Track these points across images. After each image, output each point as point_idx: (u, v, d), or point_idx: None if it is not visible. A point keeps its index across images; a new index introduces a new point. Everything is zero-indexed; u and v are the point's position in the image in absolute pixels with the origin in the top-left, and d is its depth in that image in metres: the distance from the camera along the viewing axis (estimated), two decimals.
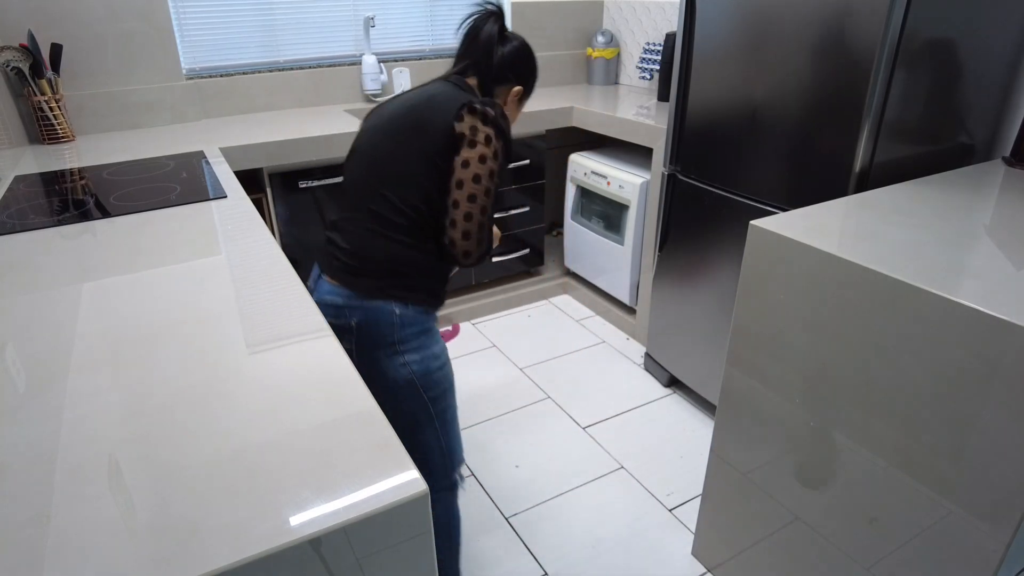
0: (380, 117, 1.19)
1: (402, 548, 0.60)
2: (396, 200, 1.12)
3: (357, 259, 1.14)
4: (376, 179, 1.14)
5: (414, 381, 1.16)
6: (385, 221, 1.13)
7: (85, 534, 0.54)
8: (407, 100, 1.18)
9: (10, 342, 0.84)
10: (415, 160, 1.11)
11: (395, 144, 1.13)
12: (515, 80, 1.25)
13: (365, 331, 1.13)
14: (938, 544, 1.00)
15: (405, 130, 1.13)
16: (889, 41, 1.33)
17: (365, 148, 1.18)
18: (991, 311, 0.87)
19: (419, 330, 1.15)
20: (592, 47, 2.96)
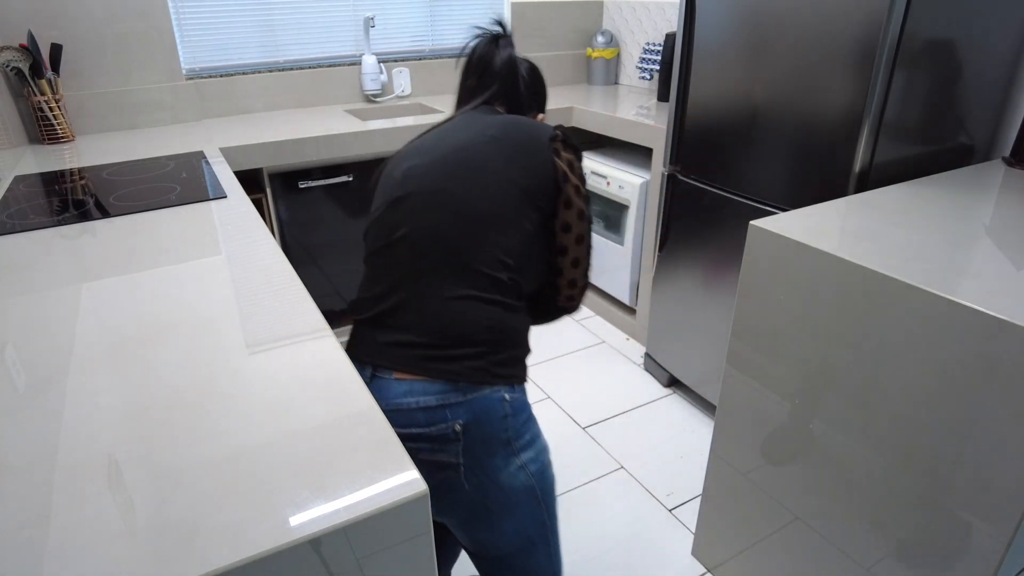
0: (440, 153, 0.95)
1: (402, 548, 0.60)
2: (496, 251, 0.89)
3: (448, 338, 0.87)
4: (466, 229, 0.89)
5: (533, 487, 0.92)
6: (483, 280, 0.89)
7: (85, 534, 0.54)
8: (478, 132, 0.97)
9: (10, 342, 0.84)
10: (516, 200, 0.92)
11: (488, 185, 0.91)
12: (537, 108, 1.14)
13: (475, 434, 0.86)
14: (938, 544, 1.00)
15: (496, 167, 0.92)
16: (889, 41, 1.33)
17: (434, 193, 0.92)
18: (991, 311, 0.87)
19: (527, 416, 0.93)
20: (592, 47, 2.96)
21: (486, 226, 0.90)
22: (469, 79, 1.09)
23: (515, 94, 1.08)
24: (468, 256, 0.89)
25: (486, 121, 0.99)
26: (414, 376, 0.87)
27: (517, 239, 0.91)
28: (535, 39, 2.91)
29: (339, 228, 2.24)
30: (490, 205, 0.90)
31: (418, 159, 0.96)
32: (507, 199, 0.91)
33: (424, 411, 0.86)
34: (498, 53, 1.07)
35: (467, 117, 1.02)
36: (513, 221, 0.91)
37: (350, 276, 2.33)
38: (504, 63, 1.07)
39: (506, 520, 0.91)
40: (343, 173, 2.17)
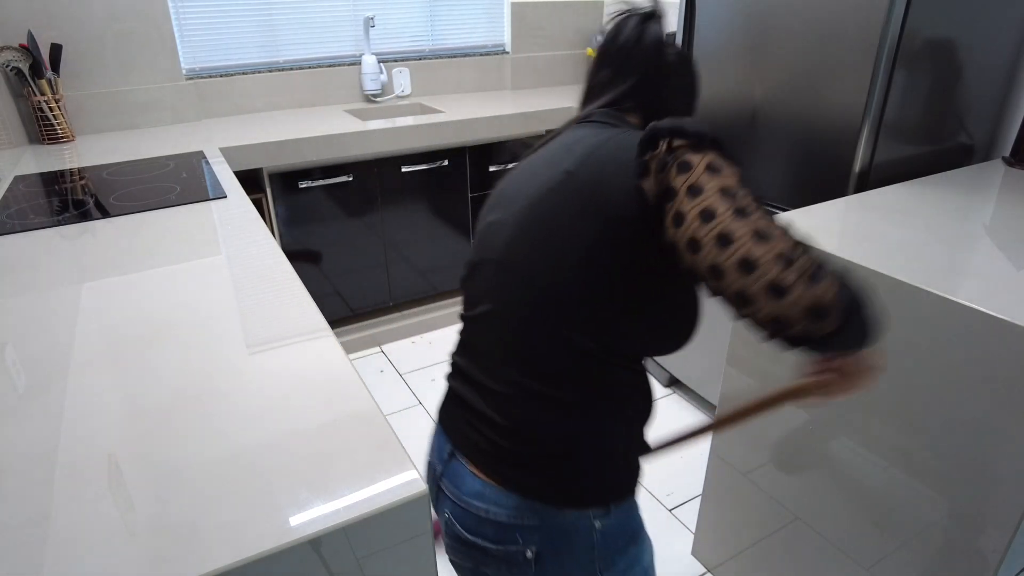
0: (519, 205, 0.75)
1: (402, 548, 0.60)
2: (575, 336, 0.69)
3: (520, 440, 0.72)
4: (535, 312, 0.71)
5: None
6: (559, 377, 0.71)
7: (85, 534, 0.54)
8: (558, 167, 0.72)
9: (10, 342, 0.84)
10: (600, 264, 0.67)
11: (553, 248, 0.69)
12: (686, 110, 0.85)
13: (551, 565, 0.73)
14: (938, 544, 1.00)
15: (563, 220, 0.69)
16: (889, 41, 1.33)
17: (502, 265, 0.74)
18: (991, 311, 0.87)
19: (627, 539, 0.78)
20: (592, 47, 2.96)
21: (558, 307, 0.69)
22: (602, 71, 0.82)
23: (658, 92, 0.81)
24: (540, 347, 0.71)
25: (575, 147, 0.74)
26: (487, 477, 0.74)
27: (602, 311, 0.68)
28: (535, 39, 2.90)
29: (339, 228, 2.24)
30: (557, 276, 0.69)
31: (499, 212, 0.78)
32: (582, 269, 0.67)
33: (494, 525, 0.73)
34: (644, 37, 0.79)
35: (566, 137, 0.77)
36: (589, 291, 0.68)
37: (350, 276, 2.33)
38: (648, 51, 0.79)
39: None
40: (343, 173, 2.17)
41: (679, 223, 0.62)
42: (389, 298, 2.46)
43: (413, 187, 2.33)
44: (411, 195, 2.34)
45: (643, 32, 0.79)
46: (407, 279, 2.47)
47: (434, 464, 0.83)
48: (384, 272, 2.40)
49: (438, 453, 0.82)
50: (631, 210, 0.65)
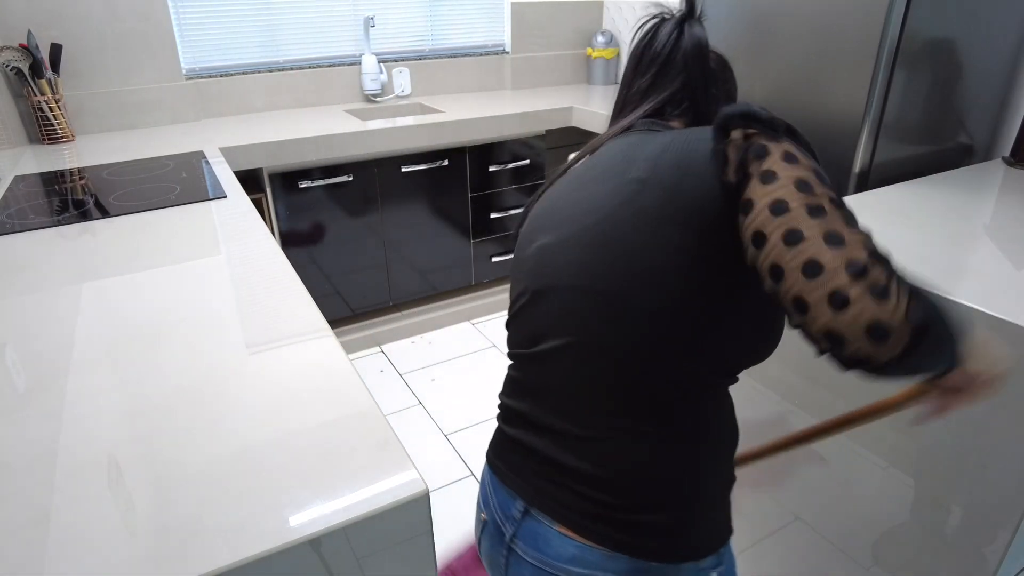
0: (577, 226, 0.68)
1: (402, 548, 0.60)
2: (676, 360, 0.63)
3: (627, 495, 0.64)
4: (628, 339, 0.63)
5: None
6: (663, 408, 0.64)
7: (85, 534, 0.54)
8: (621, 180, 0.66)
9: (10, 342, 0.84)
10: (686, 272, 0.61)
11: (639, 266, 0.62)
12: None
13: None
14: (938, 544, 1.00)
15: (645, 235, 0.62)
16: (889, 41, 1.33)
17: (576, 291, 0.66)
18: (991, 311, 0.87)
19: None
20: (592, 47, 2.96)
21: (655, 332, 0.62)
22: (640, 78, 0.77)
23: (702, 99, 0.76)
24: (639, 379, 0.63)
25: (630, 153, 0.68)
26: (585, 539, 0.64)
27: (717, 328, 0.62)
28: (535, 39, 2.90)
29: (339, 228, 2.24)
30: (657, 301, 0.61)
31: (552, 234, 0.70)
32: (678, 278, 0.61)
33: None
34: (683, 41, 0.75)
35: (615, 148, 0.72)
36: (700, 306, 0.61)
37: (350, 276, 2.33)
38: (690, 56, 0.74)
39: None
40: (343, 173, 2.17)
41: (747, 211, 0.56)
42: (389, 298, 2.46)
43: (413, 187, 2.33)
44: (411, 195, 2.34)
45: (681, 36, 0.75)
46: (407, 279, 2.47)
47: (499, 523, 0.73)
48: (384, 272, 2.40)
49: (502, 510, 0.72)
50: (720, 209, 0.59)
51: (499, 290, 2.75)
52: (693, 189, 0.61)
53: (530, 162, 2.56)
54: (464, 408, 2.13)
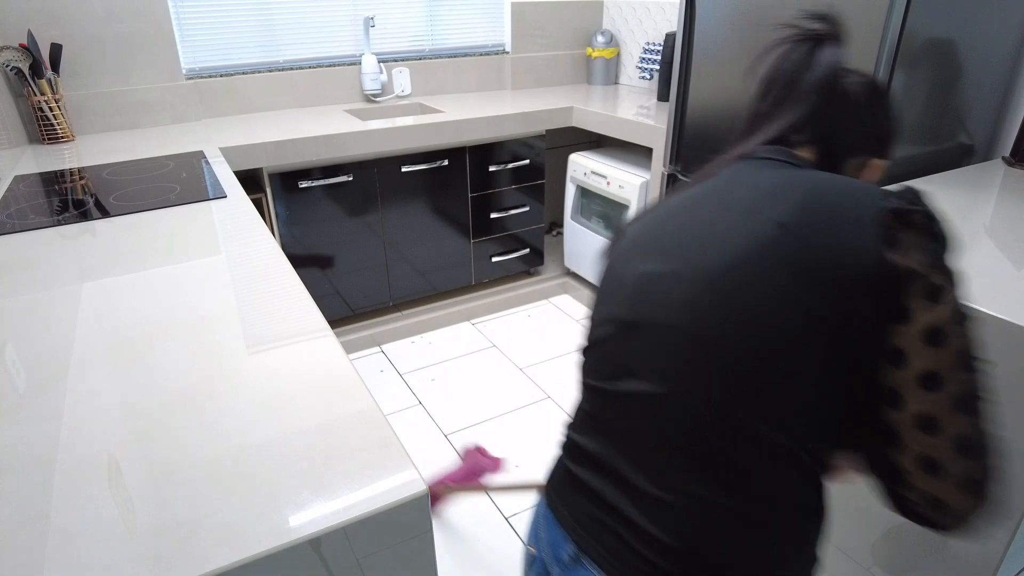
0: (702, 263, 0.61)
1: (402, 548, 0.60)
2: (788, 437, 0.57)
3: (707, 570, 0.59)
4: (731, 400, 0.57)
5: None
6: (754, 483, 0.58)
7: (85, 534, 0.54)
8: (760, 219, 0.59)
9: (10, 342, 0.84)
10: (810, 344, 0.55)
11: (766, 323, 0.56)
12: (872, 150, 0.73)
13: None
14: (938, 544, 1.00)
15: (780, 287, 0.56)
16: (889, 41, 1.33)
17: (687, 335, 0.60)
18: (991, 311, 0.87)
19: None
20: (592, 47, 2.96)
21: (760, 395, 0.56)
22: (762, 101, 0.73)
23: (835, 127, 0.70)
24: (732, 446, 0.57)
25: (775, 191, 0.61)
26: None
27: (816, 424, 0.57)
28: (535, 39, 2.91)
29: (339, 228, 2.24)
30: (767, 357, 0.56)
31: (662, 262, 0.64)
32: (802, 342, 0.55)
33: None
34: (814, 63, 0.69)
35: (745, 175, 0.66)
36: (810, 400, 0.56)
37: (350, 276, 2.33)
38: (819, 78, 0.69)
39: None
40: (343, 173, 2.17)
41: (898, 362, 0.54)
42: (389, 298, 2.46)
43: (413, 187, 2.33)
44: (411, 195, 2.34)
45: (813, 58, 0.69)
46: (407, 279, 2.47)
47: (547, 563, 0.70)
48: (384, 272, 2.40)
49: (552, 550, 0.68)
50: (876, 280, 0.53)
51: (499, 290, 2.75)
52: (851, 251, 0.54)
53: (530, 162, 2.56)
54: (464, 408, 2.13)
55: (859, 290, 0.54)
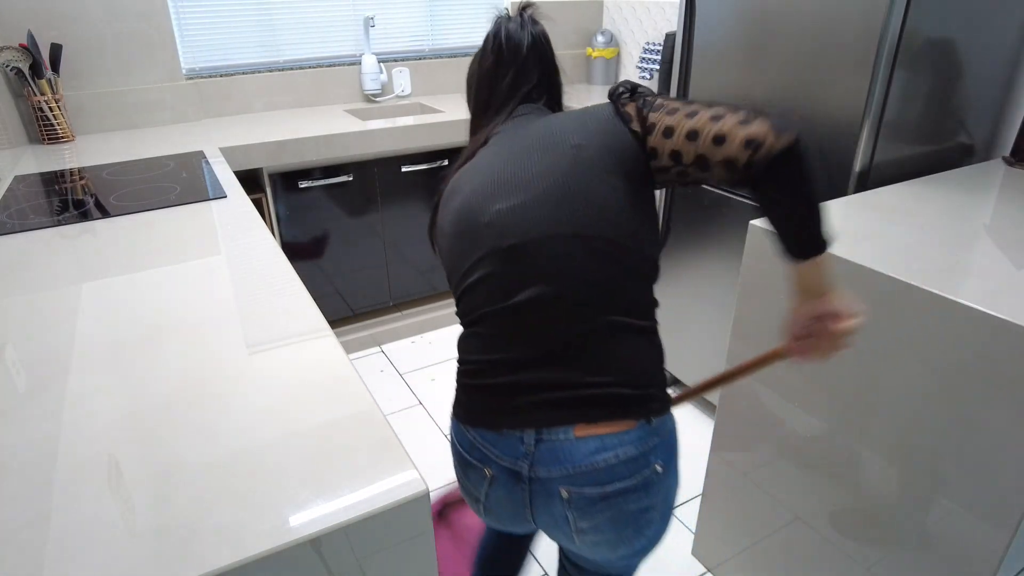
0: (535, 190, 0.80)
1: (402, 548, 0.60)
2: (638, 272, 0.82)
3: (631, 379, 0.79)
4: (606, 266, 0.79)
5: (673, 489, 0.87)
6: (636, 309, 0.81)
7: (85, 534, 0.54)
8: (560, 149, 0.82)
9: (10, 342, 0.84)
10: (632, 205, 0.81)
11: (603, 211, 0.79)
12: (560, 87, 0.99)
13: (670, 465, 0.82)
14: (938, 544, 1.00)
15: (601, 184, 0.80)
16: (889, 41, 1.33)
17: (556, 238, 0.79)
18: (991, 311, 0.87)
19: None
20: (592, 47, 2.96)
21: (621, 253, 0.80)
22: (503, 79, 0.91)
23: (554, 80, 0.94)
24: (623, 291, 0.80)
25: (554, 131, 0.84)
26: (602, 428, 0.77)
27: (651, 229, 0.83)
28: None
29: (339, 228, 2.24)
30: (617, 230, 0.79)
31: (507, 199, 0.81)
32: (624, 211, 0.80)
33: (626, 463, 0.77)
34: (526, 34, 0.91)
35: (524, 132, 0.86)
36: (639, 228, 0.81)
37: (350, 276, 2.33)
38: (539, 47, 0.91)
39: (659, 530, 0.85)
40: (343, 173, 2.17)
41: (670, 134, 0.79)
42: (389, 298, 2.46)
43: (413, 187, 2.33)
44: (411, 195, 2.34)
45: (532, 37, 0.92)
46: (407, 279, 2.47)
47: (510, 468, 0.81)
48: (384, 272, 2.40)
49: (510, 455, 0.80)
50: (636, 149, 0.81)
51: None
52: (620, 143, 0.81)
53: None
54: None
55: (633, 153, 0.80)
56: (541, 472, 0.79)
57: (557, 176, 0.80)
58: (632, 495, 0.78)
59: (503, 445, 0.81)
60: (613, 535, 0.81)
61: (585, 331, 0.78)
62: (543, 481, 0.79)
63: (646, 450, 0.78)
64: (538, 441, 0.78)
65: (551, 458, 0.78)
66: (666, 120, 0.79)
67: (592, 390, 0.78)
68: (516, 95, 0.92)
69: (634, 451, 0.77)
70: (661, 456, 0.80)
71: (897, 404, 1.02)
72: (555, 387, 0.78)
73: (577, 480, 0.77)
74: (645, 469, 0.78)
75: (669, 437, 0.82)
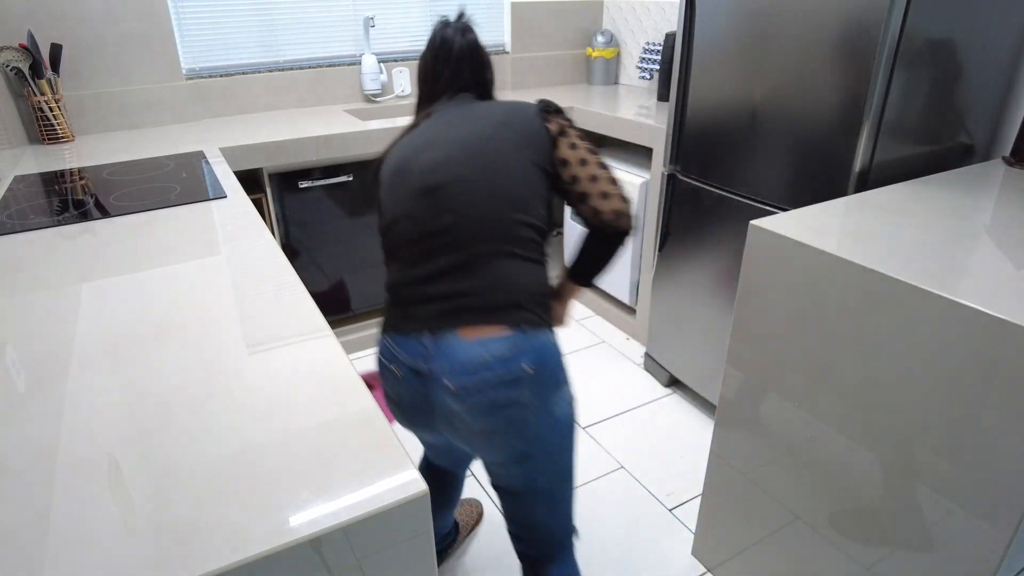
0: (459, 146, 1.03)
1: (402, 548, 0.60)
2: (536, 220, 1.03)
3: (512, 295, 0.97)
4: (511, 208, 1.01)
5: (572, 419, 1.04)
6: (524, 246, 1.02)
7: (85, 534, 0.54)
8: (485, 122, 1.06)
9: (10, 342, 0.84)
10: (534, 174, 1.04)
11: (511, 165, 1.03)
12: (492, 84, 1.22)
13: (542, 372, 0.96)
14: (938, 544, 1.00)
15: (512, 147, 1.04)
16: (889, 41, 1.33)
17: (470, 182, 1.01)
18: (991, 311, 0.87)
19: (563, 354, 1.04)
20: (592, 47, 2.96)
21: (523, 201, 1.02)
22: (443, 68, 1.15)
23: (484, 78, 1.18)
24: (516, 230, 1.01)
25: (483, 110, 1.09)
26: (483, 331, 0.95)
27: (541, 204, 1.06)
28: (535, 39, 2.91)
29: (339, 228, 2.24)
30: (521, 181, 1.03)
31: (434, 152, 1.03)
32: (528, 175, 1.04)
33: (499, 360, 0.94)
34: (464, 40, 1.15)
35: (459, 110, 1.10)
36: (537, 192, 1.05)
37: (350, 276, 2.33)
38: (470, 49, 1.15)
39: (557, 450, 1.02)
40: (343, 173, 2.17)
41: (575, 148, 1.08)
42: None
43: None
44: None
45: (466, 42, 1.14)
46: None
47: (412, 366, 0.98)
48: (384, 272, 2.40)
49: (413, 355, 0.98)
50: (547, 138, 1.07)
51: None
52: (534, 129, 1.06)
53: None
54: None
55: (544, 145, 1.06)
56: (435, 367, 0.96)
57: (479, 139, 1.03)
58: (502, 387, 0.94)
59: (409, 347, 0.98)
60: (490, 425, 0.96)
61: (477, 253, 0.98)
62: (435, 375, 0.96)
63: (516, 352, 0.94)
64: (434, 343, 0.96)
65: (442, 355, 0.95)
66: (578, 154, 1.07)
67: (477, 299, 0.97)
68: (452, 86, 1.14)
69: (505, 351, 0.94)
70: (532, 360, 0.95)
71: (897, 404, 1.02)
72: (449, 298, 0.97)
73: (459, 372, 0.94)
74: (514, 367, 0.94)
75: (543, 350, 0.97)
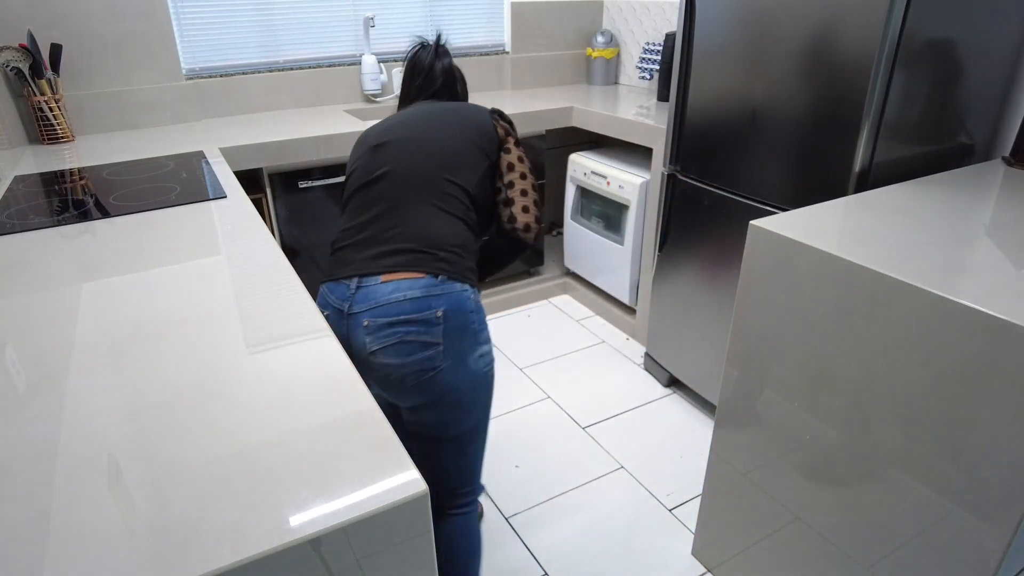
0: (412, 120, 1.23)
1: (402, 548, 0.60)
2: (462, 183, 1.17)
3: (430, 244, 1.09)
4: (439, 164, 1.16)
5: (488, 376, 1.13)
6: (452, 203, 1.14)
7: (85, 534, 0.54)
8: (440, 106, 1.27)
9: (10, 342, 0.84)
10: (472, 151, 1.20)
11: (451, 137, 1.20)
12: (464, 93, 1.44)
13: (452, 320, 1.05)
14: (938, 544, 1.00)
15: (457, 127, 1.21)
16: (889, 41, 1.33)
17: (411, 140, 1.19)
18: (991, 311, 0.87)
19: (484, 317, 1.14)
20: (592, 47, 2.96)
21: (453, 164, 1.17)
22: (416, 80, 1.37)
23: (456, 91, 1.40)
24: (441, 185, 1.14)
25: (444, 103, 1.31)
26: (400, 275, 1.06)
27: (474, 176, 1.20)
28: (535, 39, 2.91)
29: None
30: (455, 149, 1.18)
31: (391, 123, 1.24)
32: (466, 146, 1.20)
33: (411, 301, 1.04)
34: (439, 60, 1.36)
35: (428, 107, 1.29)
36: (471, 162, 1.19)
37: None
38: (445, 68, 1.36)
39: (469, 402, 1.11)
40: (343, 173, 2.17)
41: (508, 152, 1.25)
42: None
43: None
44: None
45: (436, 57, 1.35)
46: None
47: (338, 307, 1.08)
48: None
49: (340, 297, 1.08)
50: (495, 135, 1.26)
51: (499, 290, 2.75)
52: (484, 123, 1.26)
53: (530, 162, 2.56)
54: None
55: (490, 138, 1.25)
56: (356, 308, 1.06)
57: (430, 116, 1.24)
58: (412, 327, 1.03)
59: (338, 291, 1.09)
60: (401, 365, 1.04)
61: (403, 201, 1.12)
62: (356, 315, 1.05)
63: (429, 296, 1.04)
64: (358, 287, 1.06)
65: (363, 298, 1.05)
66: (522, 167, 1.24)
67: (399, 244, 1.08)
68: (423, 94, 1.36)
69: (418, 293, 1.04)
70: (444, 307, 1.04)
71: (896, 404, 1.02)
72: (375, 244, 1.09)
73: (376, 312, 1.04)
74: (426, 310, 1.03)
75: (457, 299, 1.07)
